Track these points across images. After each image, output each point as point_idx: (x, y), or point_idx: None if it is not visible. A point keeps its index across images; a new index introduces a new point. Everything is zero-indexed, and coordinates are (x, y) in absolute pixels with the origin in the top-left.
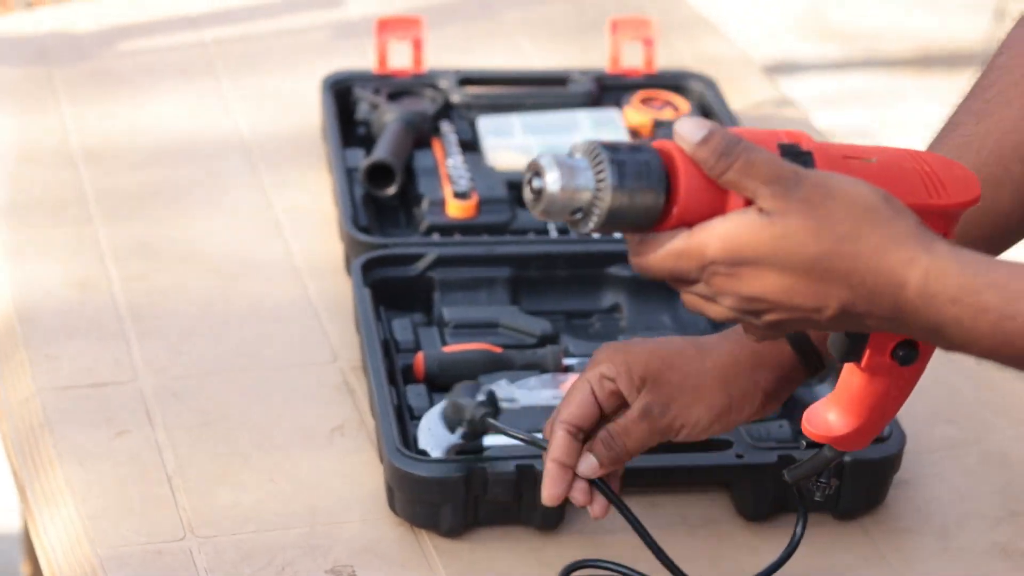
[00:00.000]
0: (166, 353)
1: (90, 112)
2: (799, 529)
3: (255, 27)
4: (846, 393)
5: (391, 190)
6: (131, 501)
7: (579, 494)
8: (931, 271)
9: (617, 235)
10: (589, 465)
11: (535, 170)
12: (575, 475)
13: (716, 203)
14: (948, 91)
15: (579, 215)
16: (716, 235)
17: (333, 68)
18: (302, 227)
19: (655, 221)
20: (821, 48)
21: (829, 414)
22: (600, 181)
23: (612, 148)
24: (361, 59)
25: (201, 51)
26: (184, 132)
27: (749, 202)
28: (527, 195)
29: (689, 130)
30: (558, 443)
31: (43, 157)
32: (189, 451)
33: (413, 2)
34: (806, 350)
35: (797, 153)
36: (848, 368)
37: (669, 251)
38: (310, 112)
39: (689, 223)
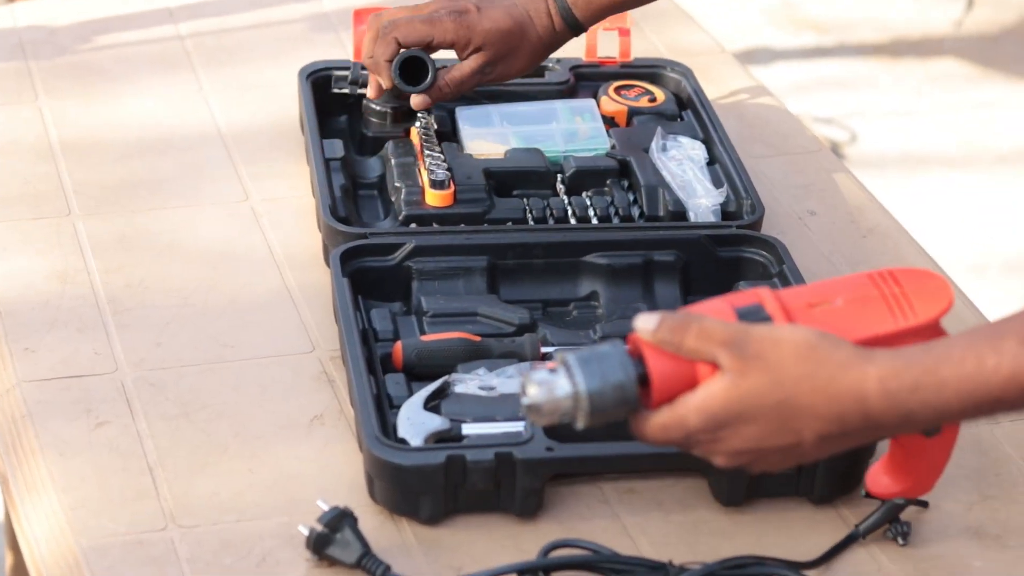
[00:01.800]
0: (146, 344)
1: (68, 105)
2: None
3: (232, 19)
4: (894, 461)
5: (424, 85)
6: (112, 492)
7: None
8: (883, 375)
9: (594, 222)
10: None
11: (523, 389)
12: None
13: (688, 376)
14: (920, 78)
15: (567, 418)
16: (692, 408)
17: (310, 59)
18: (280, 218)
19: (638, 405)
20: (795, 37)
21: (884, 478)
22: (577, 388)
23: (583, 359)
24: (338, 51)
25: (178, 44)
26: (162, 124)
27: (715, 367)
28: (523, 411)
29: (644, 320)
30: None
31: (22, 150)
32: (169, 442)
33: None
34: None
35: (757, 319)
36: (892, 442)
37: (656, 426)
38: (288, 103)
39: (670, 398)
